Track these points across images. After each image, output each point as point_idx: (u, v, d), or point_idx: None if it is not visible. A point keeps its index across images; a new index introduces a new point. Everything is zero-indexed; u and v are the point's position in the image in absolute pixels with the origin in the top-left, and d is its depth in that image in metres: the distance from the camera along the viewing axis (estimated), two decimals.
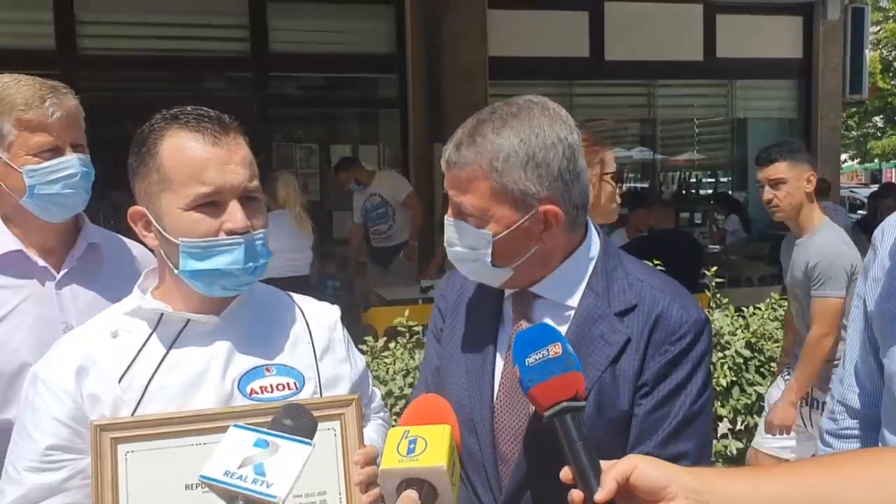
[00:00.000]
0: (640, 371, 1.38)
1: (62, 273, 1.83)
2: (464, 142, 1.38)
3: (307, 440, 1.09)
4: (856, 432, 1.60)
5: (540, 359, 1.18)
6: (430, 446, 1.12)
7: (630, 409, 1.39)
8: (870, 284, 1.52)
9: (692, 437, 1.39)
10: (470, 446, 1.46)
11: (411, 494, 1.08)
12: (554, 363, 1.17)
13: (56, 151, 1.77)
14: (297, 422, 1.12)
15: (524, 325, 1.46)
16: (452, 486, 1.12)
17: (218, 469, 1.04)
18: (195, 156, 1.32)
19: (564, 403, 1.14)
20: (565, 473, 1.10)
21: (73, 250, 1.86)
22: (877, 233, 1.56)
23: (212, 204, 1.33)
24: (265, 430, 1.10)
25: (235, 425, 1.11)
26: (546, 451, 1.18)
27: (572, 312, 1.44)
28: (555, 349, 1.18)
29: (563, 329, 1.43)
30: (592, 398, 1.36)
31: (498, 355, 1.49)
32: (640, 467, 1.03)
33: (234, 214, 1.33)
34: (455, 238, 1.43)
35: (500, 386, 1.47)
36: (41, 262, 1.82)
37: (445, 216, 1.45)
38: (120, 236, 2.00)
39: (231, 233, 1.33)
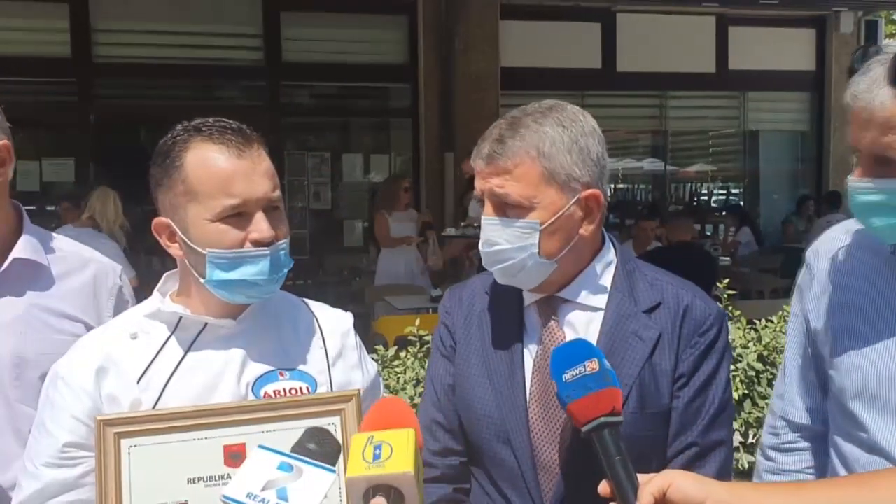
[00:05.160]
0: (676, 364, 1.43)
1: None
2: (506, 135, 1.41)
3: (331, 467, 1.09)
4: (799, 445, 1.63)
5: (577, 375, 1.19)
6: (395, 452, 1.09)
7: (669, 403, 1.43)
8: (810, 302, 1.57)
9: (726, 423, 1.46)
10: (504, 458, 1.45)
11: (381, 502, 1.07)
12: (590, 379, 1.19)
13: None
14: (322, 446, 1.12)
15: (555, 327, 1.47)
16: (419, 490, 1.11)
17: (240, 490, 1.04)
18: (221, 168, 1.34)
19: (602, 419, 1.16)
20: (603, 487, 1.12)
21: (5, 264, 1.72)
22: (810, 254, 1.61)
23: (238, 215, 1.34)
24: (289, 453, 1.10)
25: (260, 446, 1.11)
26: (590, 455, 1.19)
27: (601, 314, 1.47)
28: (591, 365, 1.20)
29: (594, 330, 1.46)
30: (635, 395, 1.40)
31: (526, 364, 1.48)
32: (677, 482, 1.04)
33: (260, 225, 1.35)
34: (497, 235, 1.41)
35: (531, 394, 1.46)
36: None
37: (483, 217, 1.44)
38: (71, 246, 1.83)
39: (257, 243, 1.35)
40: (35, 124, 8.20)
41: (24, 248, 1.71)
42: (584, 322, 1.47)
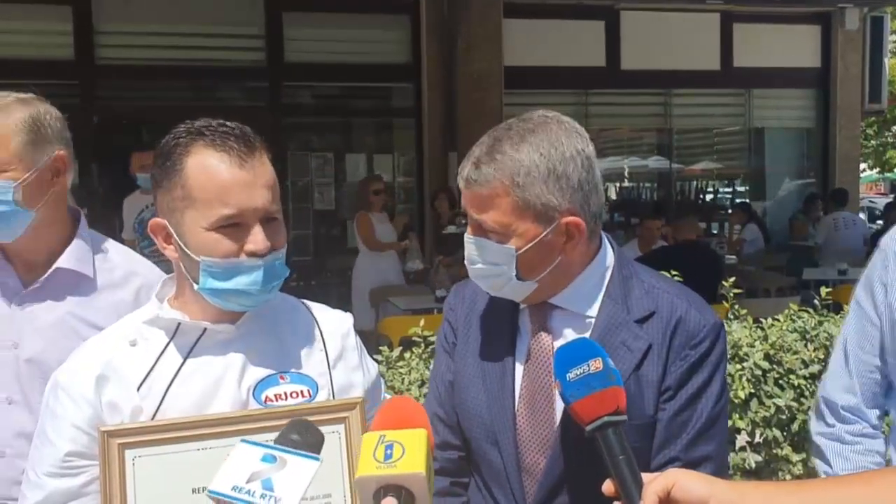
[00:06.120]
0: (663, 376, 1.41)
1: (25, 291, 1.77)
2: (482, 160, 1.39)
3: (315, 455, 1.09)
4: (869, 432, 1.64)
5: (581, 374, 1.19)
6: (407, 452, 1.08)
7: (654, 414, 1.41)
8: (878, 289, 1.56)
9: (714, 438, 1.43)
10: (492, 459, 1.48)
11: (391, 502, 1.06)
12: (594, 378, 1.18)
13: None
14: (305, 437, 1.12)
15: (544, 336, 1.47)
16: (429, 491, 1.10)
17: (226, 484, 1.04)
18: (221, 177, 1.32)
19: (606, 418, 1.16)
20: (608, 487, 1.12)
21: (46, 272, 1.78)
22: (888, 240, 1.59)
23: (234, 225, 1.33)
24: (273, 444, 1.09)
25: (243, 440, 1.10)
26: (572, 461, 1.19)
27: (591, 321, 1.45)
28: (595, 364, 1.20)
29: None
30: None
31: (517, 367, 1.49)
32: (681, 481, 1.04)
33: (256, 237, 1.33)
34: (476, 255, 1.43)
35: (520, 398, 1.47)
36: (11, 277, 1.77)
37: (466, 234, 1.46)
38: (123, 258, 1.88)
39: (252, 254, 1.34)
40: None
41: (69, 258, 1.78)
42: (574, 329, 1.46)
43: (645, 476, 1.10)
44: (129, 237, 5.90)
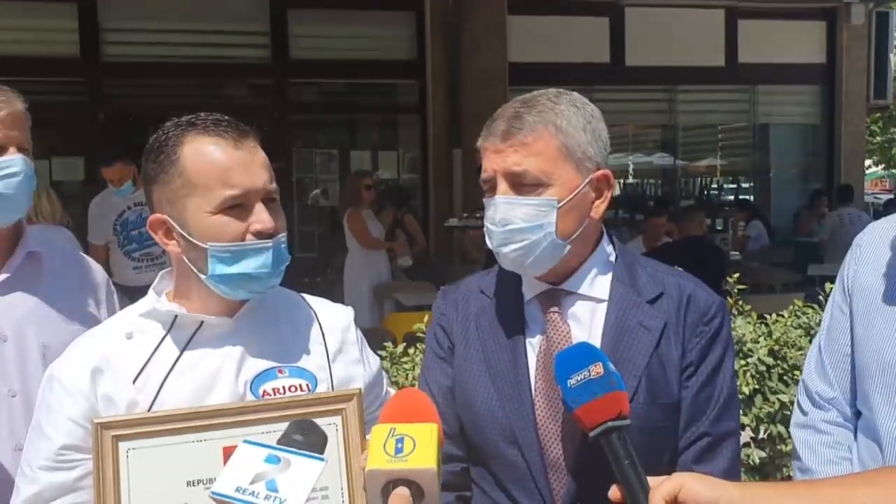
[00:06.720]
0: (683, 354, 1.42)
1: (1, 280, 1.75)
2: (522, 111, 1.41)
3: (319, 455, 1.08)
4: (845, 424, 1.65)
5: (581, 380, 1.19)
6: (418, 446, 1.07)
7: (679, 393, 1.42)
8: (853, 288, 1.58)
9: (735, 412, 1.46)
10: (511, 459, 1.43)
11: (404, 492, 1.05)
12: (596, 384, 1.18)
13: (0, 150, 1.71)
14: (308, 437, 1.11)
15: (559, 320, 1.45)
16: (439, 486, 1.09)
17: (229, 485, 1.03)
18: (219, 159, 1.33)
19: (609, 423, 1.15)
20: (614, 492, 1.11)
21: (12, 259, 1.76)
22: (859, 236, 1.62)
23: (238, 206, 1.33)
24: (276, 445, 1.09)
25: (246, 441, 1.10)
26: (602, 451, 1.18)
27: (604, 305, 1.45)
28: (596, 369, 1.19)
29: (598, 322, 1.44)
30: (644, 386, 1.39)
31: (529, 361, 1.46)
32: (688, 485, 1.03)
33: (261, 216, 1.34)
34: (512, 214, 1.38)
35: (536, 391, 1.44)
36: None
37: (497, 196, 1.40)
38: (68, 246, 1.91)
39: (258, 234, 1.34)
40: (45, 123, 8.21)
41: (34, 242, 1.76)
42: (587, 313, 1.46)
43: (651, 480, 1.09)
44: (101, 240, 5.50)
